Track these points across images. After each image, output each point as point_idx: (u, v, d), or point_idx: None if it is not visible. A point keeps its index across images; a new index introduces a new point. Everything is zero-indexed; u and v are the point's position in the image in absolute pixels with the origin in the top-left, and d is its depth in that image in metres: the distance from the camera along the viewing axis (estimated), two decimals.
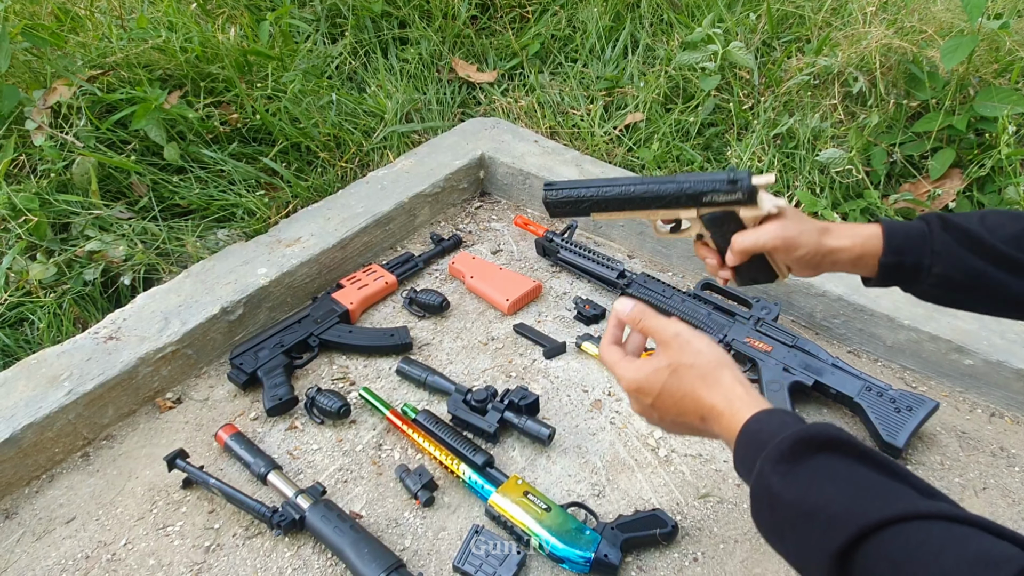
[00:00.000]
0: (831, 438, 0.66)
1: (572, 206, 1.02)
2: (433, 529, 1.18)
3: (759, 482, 0.67)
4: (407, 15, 2.40)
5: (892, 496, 0.59)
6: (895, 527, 0.56)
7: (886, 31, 1.99)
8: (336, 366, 1.47)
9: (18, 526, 1.18)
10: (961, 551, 0.53)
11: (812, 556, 0.60)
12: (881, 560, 0.56)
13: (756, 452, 0.69)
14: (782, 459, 0.66)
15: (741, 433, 0.73)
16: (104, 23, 2.06)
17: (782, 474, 0.65)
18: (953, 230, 0.89)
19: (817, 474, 0.64)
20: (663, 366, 0.81)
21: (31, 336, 1.51)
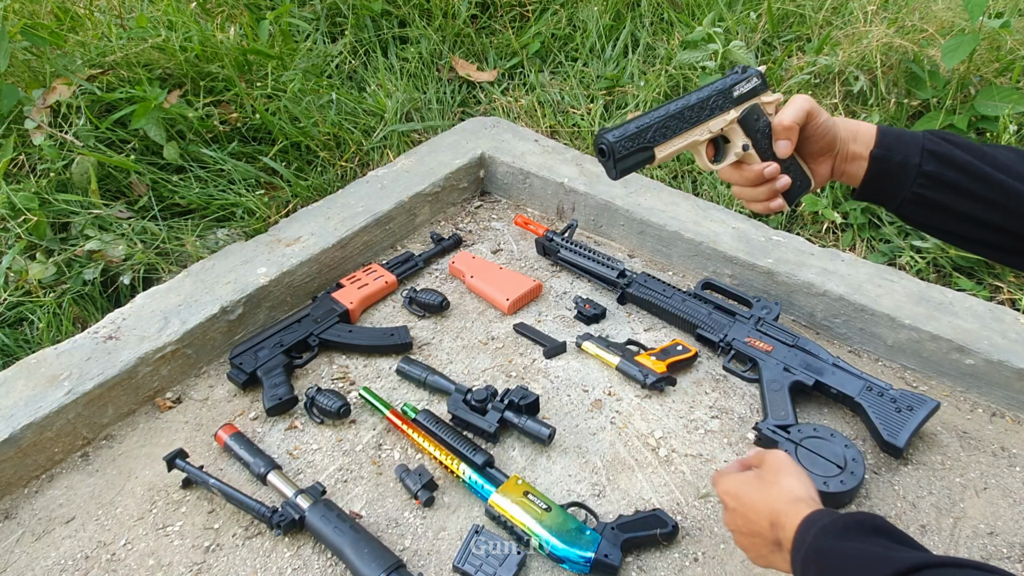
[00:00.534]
0: (880, 525, 0.73)
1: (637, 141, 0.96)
2: (433, 529, 1.18)
3: (812, 546, 0.74)
4: (407, 14, 2.40)
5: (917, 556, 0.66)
6: (935, 569, 0.63)
7: (887, 30, 1.99)
8: (336, 366, 1.47)
9: (18, 526, 1.18)
10: None
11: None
12: None
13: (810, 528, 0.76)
14: (835, 528, 0.73)
15: (800, 527, 0.78)
16: (103, 22, 2.06)
17: (834, 539, 0.72)
18: (945, 137, 0.91)
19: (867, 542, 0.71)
20: (751, 474, 0.92)
21: (31, 336, 1.51)
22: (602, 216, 1.78)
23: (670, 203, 1.73)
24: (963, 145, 0.91)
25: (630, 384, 1.43)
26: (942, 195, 0.91)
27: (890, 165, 0.93)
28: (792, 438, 1.26)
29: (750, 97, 0.99)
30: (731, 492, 0.92)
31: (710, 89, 0.98)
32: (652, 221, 1.69)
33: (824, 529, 0.74)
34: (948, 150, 0.90)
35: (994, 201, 0.89)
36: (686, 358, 1.45)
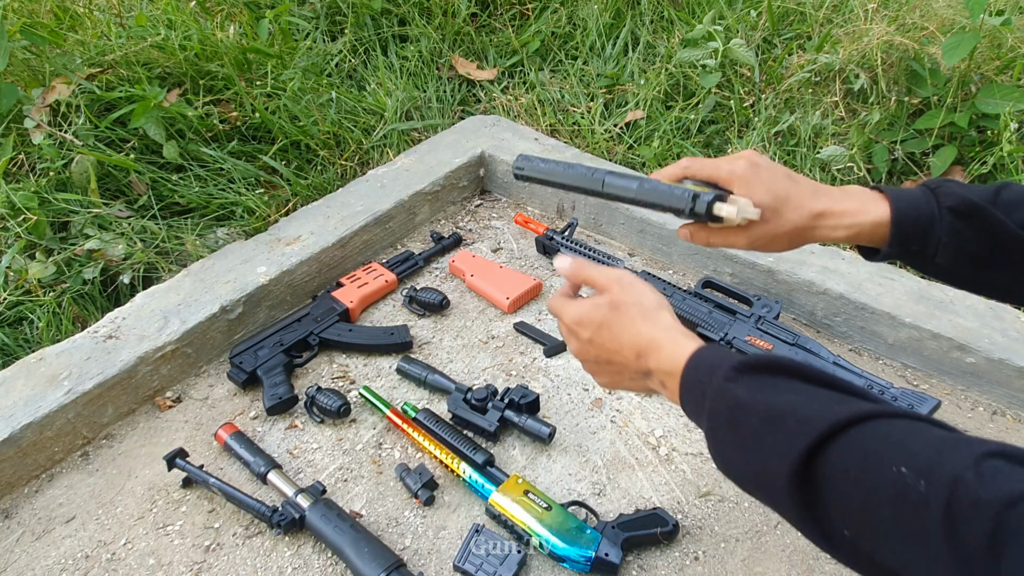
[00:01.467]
0: (784, 361, 0.66)
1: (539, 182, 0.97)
2: (433, 528, 1.18)
3: (718, 398, 0.66)
4: (407, 12, 2.40)
5: (854, 401, 0.60)
6: (862, 424, 0.56)
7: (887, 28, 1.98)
8: (336, 365, 1.47)
9: (18, 526, 1.18)
10: (928, 435, 0.54)
11: (775, 462, 0.60)
12: (848, 456, 0.56)
13: (708, 375, 0.68)
14: (744, 371, 0.65)
15: (690, 360, 0.72)
16: (103, 21, 2.06)
17: (746, 384, 0.64)
18: (965, 215, 0.81)
19: (778, 386, 0.63)
20: (603, 302, 0.81)
21: (30, 335, 1.51)
22: (602, 215, 1.77)
23: None
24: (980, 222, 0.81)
25: None
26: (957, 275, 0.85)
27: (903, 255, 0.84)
28: None
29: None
30: (582, 321, 0.83)
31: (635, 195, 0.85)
32: (652, 220, 1.68)
33: (729, 376, 0.66)
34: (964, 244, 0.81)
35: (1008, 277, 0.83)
36: None
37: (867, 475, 0.54)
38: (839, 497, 0.56)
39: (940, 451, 0.52)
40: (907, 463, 0.52)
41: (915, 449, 0.53)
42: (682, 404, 0.73)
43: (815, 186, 0.85)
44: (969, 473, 0.49)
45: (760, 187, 0.83)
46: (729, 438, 0.66)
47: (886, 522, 0.53)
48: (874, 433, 0.56)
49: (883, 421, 0.56)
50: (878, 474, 0.53)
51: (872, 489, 0.54)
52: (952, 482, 0.49)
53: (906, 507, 0.51)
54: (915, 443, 0.53)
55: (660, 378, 0.76)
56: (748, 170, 0.83)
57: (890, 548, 0.53)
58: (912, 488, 0.51)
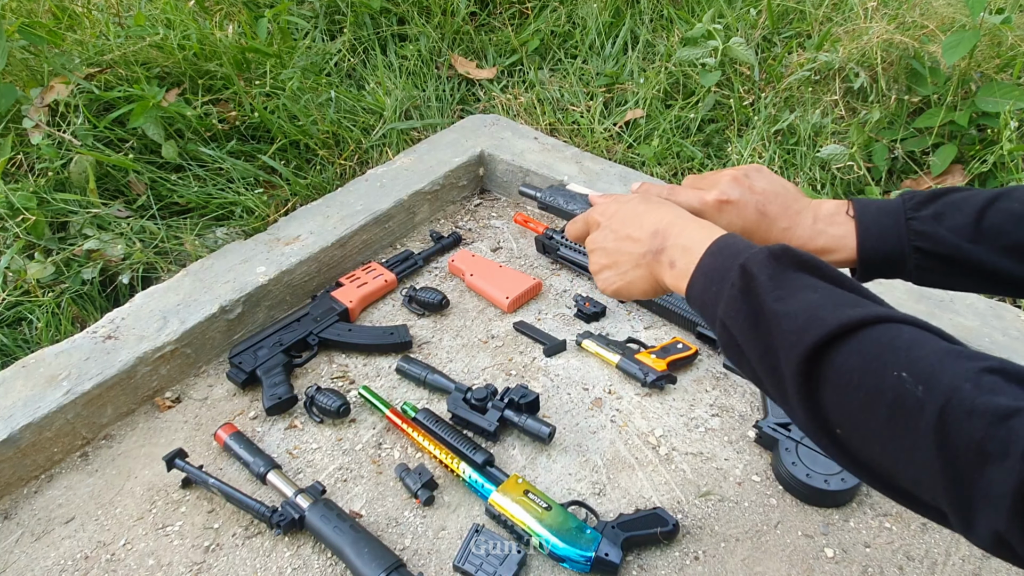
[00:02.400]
0: (811, 258, 0.66)
1: None
2: (433, 528, 1.18)
3: (743, 276, 0.66)
4: (406, 11, 2.39)
5: (867, 305, 0.61)
6: (870, 327, 0.58)
7: (887, 26, 1.98)
8: (335, 365, 1.47)
9: (17, 526, 1.18)
10: (933, 345, 0.55)
11: (783, 354, 0.61)
12: (853, 357, 0.57)
13: (733, 257, 0.69)
14: (768, 262, 0.66)
15: (716, 242, 0.72)
16: (101, 20, 2.06)
17: (768, 275, 0.65)
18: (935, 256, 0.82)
19: (799, 282, 0.64)
20: (637, 196, 0.85)
21: (29, 335, 1.51)
22: None
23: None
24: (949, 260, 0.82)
25: (630, 382, 1.43)
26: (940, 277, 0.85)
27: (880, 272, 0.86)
28: (793, 436, 1.26)
29: None
30: (609, 207, 0.85)
31: None
32: None
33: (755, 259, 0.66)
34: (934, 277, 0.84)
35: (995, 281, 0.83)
36: (686, 356, 1.44)
37: (868, 377, 0.55)
38: (839, 395, 0.58)
39: (942, 360, 0.53)
40: (908, 368, 0.53)
41: (918, 356, 0.54)
42: (689, 285, 0.73)
43: (788, 218, 0.86)
44: (968, 384, 0.50)
45: (728, 221, 0.86)
46: (744, 324, 0.66)
47: (881, 423, 0.54)
48: (880, 337, 0.57)
49: (891, 326, 0.57)
50: (879, 377, 0.55)
51: (871, 391, 0.55)
52: (950, 390, 0.50)
53: (902, 410, 0.53)
54: (919, 350, 0.54)
55: (673, 256, 0.76)
56: (717, 207, 0.86)
57: (881, 449, 0.55)
58: (910, 392, 0.52)
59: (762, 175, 0.89)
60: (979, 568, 1.13)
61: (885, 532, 1.18)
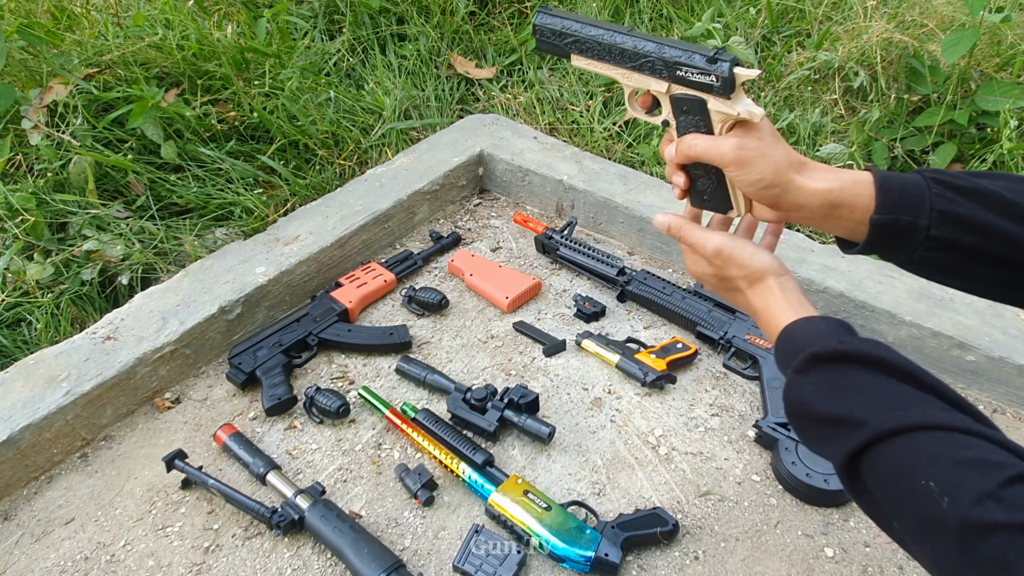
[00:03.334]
0: (859, 353, 0.69)
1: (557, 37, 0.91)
2: (433, 529, 1.18)
3: (791, 390, 0.73)
4: (405, 11, 2.39)
5: (911, 407, 0.63)
6: (905, 435, 0.61)
7: (887, 25, 1.98)
8: (335, 365, 1.47)
9: (17, 527, 1.18)
10: (959, 456, 0.58)
11: (831, 454, 0.68)
12: (887, 463, 0.62)
13: (791, 359, 0.74)
14: (809, 369, 0.71)
15: (779, 338, 0.78)
16: (100, 21, 2.05)
17: (812, 384, 0.70)
18: (956, 187, 0.77)
19: (842, 384, 0.68)
20: (710, 273, 0.88)
21: (29, 336, 1.51)
22: (601, 213, 1.77)
23: (670, 200, 1.72)
24: (973, 192, 0.77)
25: (630, 382, 1.43)
26: (952, 256, 0.78)
27: (894, 230, 0.78)
28: (793, 436, 1.26)
29: (695, 88, 0.82)
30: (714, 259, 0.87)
31: (657, 48, 0.83)
32: (652, 218, 1.68)
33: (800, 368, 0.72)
34: (960, 210, 0.76)
35: (1008, 259, 0.78)
36: (686, 356, 1.44)
37: (900, 483, 0.60)
38: (880, 496, 0.63)
39: (968, 471, 0.56)
40: (936, 479, 0.57)
41: (943, 468, 0.57)
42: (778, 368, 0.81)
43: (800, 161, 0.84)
44: (989, 500, 0.53)
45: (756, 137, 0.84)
46: (799, 423, 0.73)
47: (915, 525, 0.59)
48: (911, 446, 0.60)
49: (925, 434, 0.60)
50: (909, 484, 0.59)
51: (904, 497, 0.60)
52: (971, 504, 0.54)
53: (930, 520, 0.57)
54: (946, 460, 0.58)
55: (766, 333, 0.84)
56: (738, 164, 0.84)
57: (918, 548, 0.60)
58: (936, 503, 0.56)
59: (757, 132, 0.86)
60: None
61: None
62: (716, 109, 0.82)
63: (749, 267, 0.84)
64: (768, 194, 0.81)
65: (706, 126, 0.84)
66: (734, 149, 0.80)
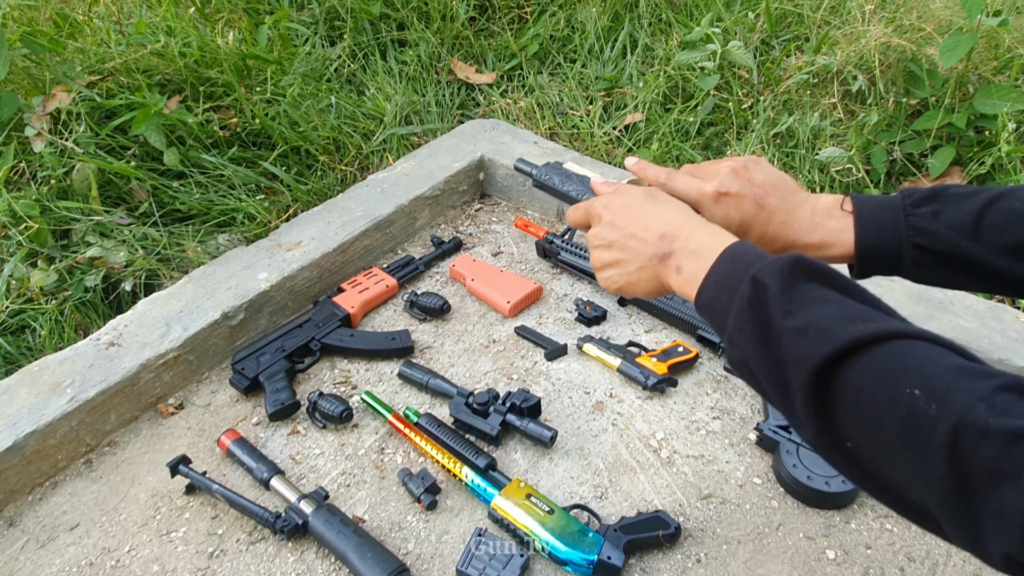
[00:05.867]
0: (822, 268, 0.65)
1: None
2: (436, 533, 1.18)
3: (753, 287, 0.66)
4: (405, 17, 2.40)
5: (881, 320, 0.60)
6: (882, 344, 0.57)
7: (885, 29, 1.99)
8: (338, 370, 1.47)
9: (22, 533, 1.19)
10: (946, 362, 0.54)
11: (791, 369, 0.61)
12: (864, 373, 0.57)
13: (745, 268, 0.68)
14: (780, 275, 0.65)
15: (728, 249, 0.71)
16: (103, 28, 2.06)
17: (780, 287, 0.64)
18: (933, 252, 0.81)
19: (810, 295, 0.63)
20: (640, 190, 0.84)
21: (33, 343, 1.51)
22: None
23: None
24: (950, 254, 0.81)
25: (631, 386, 1.43)
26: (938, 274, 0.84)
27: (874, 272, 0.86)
28: (794, 438, 1.26)
29: None
30: (613, 202, 0.84)
31: None
32: None
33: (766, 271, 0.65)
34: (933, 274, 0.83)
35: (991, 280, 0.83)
36: (687, 359, 1.45)
37: (880, 394, 0.55)
38: (850, 411, 0.57)
39: (956, 378, 0.52)
40: (921, 385, 0.53)
41: (931, 373, 0.53)
42: (698, 292, 0.73)
43: (786, 211, 0.85)
44: (982, 404, 0.50)
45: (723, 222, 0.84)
46: (752, 336, 0.65)
47: (892, 440, 0.54)
48: (893, 352, 0.56)
49: (905, 342, 0.57)
50: (891, 394, 0.54)
51: (883, 407, 0.55)
52: (963, 409, 0.50)
53: (914, 427, 0.52)
54: (932, 367, 0.54)
55: (680, 261, 0.75)
56: (712, 202, 0.85)
57: (892, 464, 0.55)
58: (923, 410, 0.52)
59: (761, 167, 0.88)
60: (980, 569, 1.13)
61: (886, 533, 1.19)
62: None
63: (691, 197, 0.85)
64: None
65: None
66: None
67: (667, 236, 0.77)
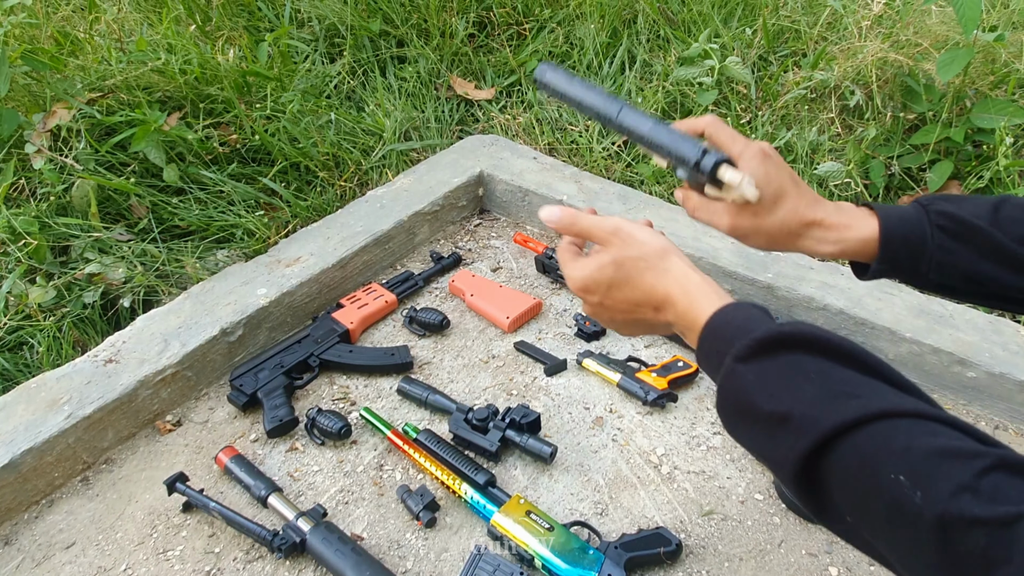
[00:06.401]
0: (802, 336, 0.63)
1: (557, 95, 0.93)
2: (435, 551, 1.17)
3: (729, 382, 0.65)
4: (405, 34, 2.42)
5: (864, 395, 0.58)
6: (865, 427, 0.56)
7: (882, 45, 2.00)
8: (337, 386, 1.47)
9: (17, 552, 1.17)
10: (929, 444, 0.53)
11: (781, 457, 0.60)
12: (849, 458, 0.56)
13: (724, 347, 0.66)
14: (752, 357, 0.63)
15: (706, 326, 0.70)
16: (103, 46, 2.07)
17: (757, 368, 0.63)
18: (957, 234, 0.81)
19: (788, 373, 0.62)
20: (607, 262, 0.77)
21: (30, 360, 1.51)
22: None
23: (669, 219, 1.73)
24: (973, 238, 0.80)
25: (631, 401, 1.43)
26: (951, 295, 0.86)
27: (892, 275, 0.85)
28: None
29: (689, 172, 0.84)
30: (589, 286, 0.79)
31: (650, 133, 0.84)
32: None
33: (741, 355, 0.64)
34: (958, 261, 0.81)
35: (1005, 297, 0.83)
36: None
37: (866, 479, 0.55)
38: (840, 493, 0.57)
39: (940, 463, 0.51)
40: (905, 471, 0.52)
41: (915, 457, 0.53)
42: (699, 364, 0.73)
43: (814, 196, 0.86)
44: (966, 494, 0.49)
45: (764, 177, 0.82)
46: (737, 421, 0.66)
47: (882, 522, 0.54)
48: (876, 437, 0.55)
49: (889, 423, 0.56)
50: (876, 480, 0.54)
51: (870, 492, 0.54)
52: (948, 498, 0.49)
53: (902, 514, 0.52)
54: (916, 451, 0.53)
55: (681, 330, 0.75)
56: (758, 156, 0.83)
57: (887, 544, 0.55)
58: (908, 498, 0.51)
59: None
60: None
61: None
62: (711, 194, 0.85)
63: (651, 244, 0.77)
64: (774, 247, 0.87)
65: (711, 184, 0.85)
66: (729, 228, 0.86)
67: (660, 308, 0.76)
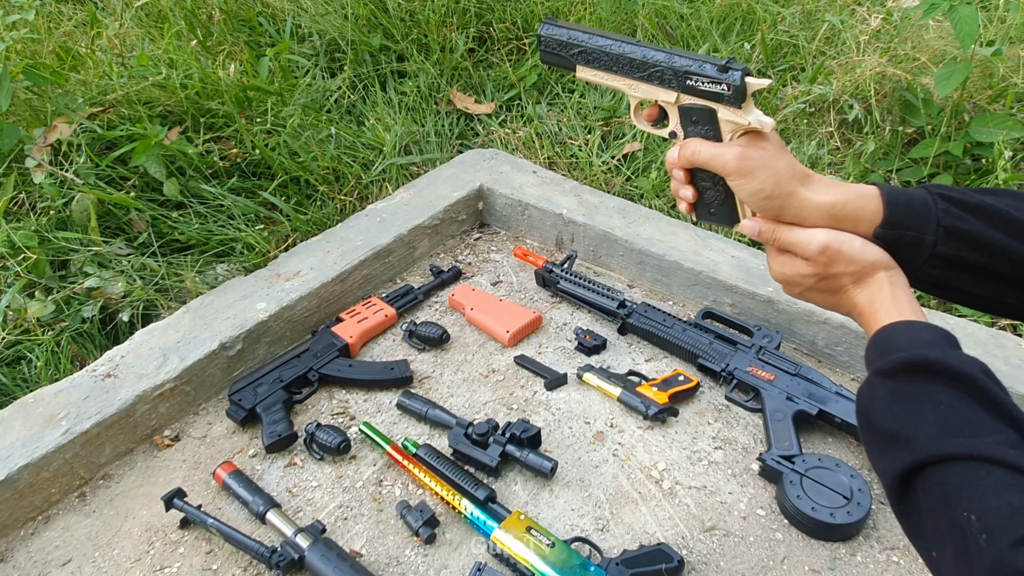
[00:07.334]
0: (950, 368, 0.67)
1: (562, 48, 0.91)
2: (435, 567, 1.16)
3: (864, 391, 0.74)
4: (405, 49, 2.43)
5: (980, 436, 0.63)
6: (959, 463, 0.62)
7: (880, 59, 2.01)
8: (336, 401, 1.46)
9: (13, 569, 1.16)
10: (1008, 497, 0.59)
11: (885, 468, 0.69)
12: (937, 486, 0.63)
13: (877, 357, 0.74)
14: (893, 375, 0.71)
15: (875, 335, 0.76)
16: (105, 61, 2.08)
17: (889, 389, 0.70)
18: (961, 203, 0.77)
19: (918, 399, 0.68)
20: (809, 272, 0.82)
21: (29, 374, 1.50)
22: (601, 247, 1.78)
23: (669, 233, 1.73)
24: (979, 209, 0.77)
25: (632, 415, 1.42)
26: (956, 274, 0.79)
27: (899, 245, 0.79)
28: (797, 468, 1.25)
29: (705, 97, 0.82)
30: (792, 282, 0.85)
31: (667, 58, 0.83)
32: (651, 251, 1.69)
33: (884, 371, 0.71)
34: (966, 227, 0.76)
35: (1011, 277, 0.78)
36: (688, 388, 1.44)
37: (945, 510, 0.61)
38: (927, 515, 0.64)
39: (1012, 514, 0.57)
40: (978, 514, 0.59)
41: (990, 505, 0.59)
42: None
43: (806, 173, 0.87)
44: (1021, 547, 0.55)
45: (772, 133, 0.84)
46: (864, 427, 0.74)
47: (952, 556, 0.61)
48: (966, 475, 0.61)
49: (983, 466, 0.61)
50: (953, 512, 0.61)
51: (946, 523, 0.61)
52: (1006, 547, 0.56)
53: (966, 552, 0.59)
54: (993, 500, 0.59)
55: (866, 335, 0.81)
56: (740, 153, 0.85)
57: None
58: (974, 538, 0.58)
59: None
60: None
61: (893, 566, 1.17)
62: (726, 119, 0.82)
63: (859, 261, 0.78)
64: (769, 205, 0.82)
65: (715, 136, 0.84)
66: (737, 158, 0.81)
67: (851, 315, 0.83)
